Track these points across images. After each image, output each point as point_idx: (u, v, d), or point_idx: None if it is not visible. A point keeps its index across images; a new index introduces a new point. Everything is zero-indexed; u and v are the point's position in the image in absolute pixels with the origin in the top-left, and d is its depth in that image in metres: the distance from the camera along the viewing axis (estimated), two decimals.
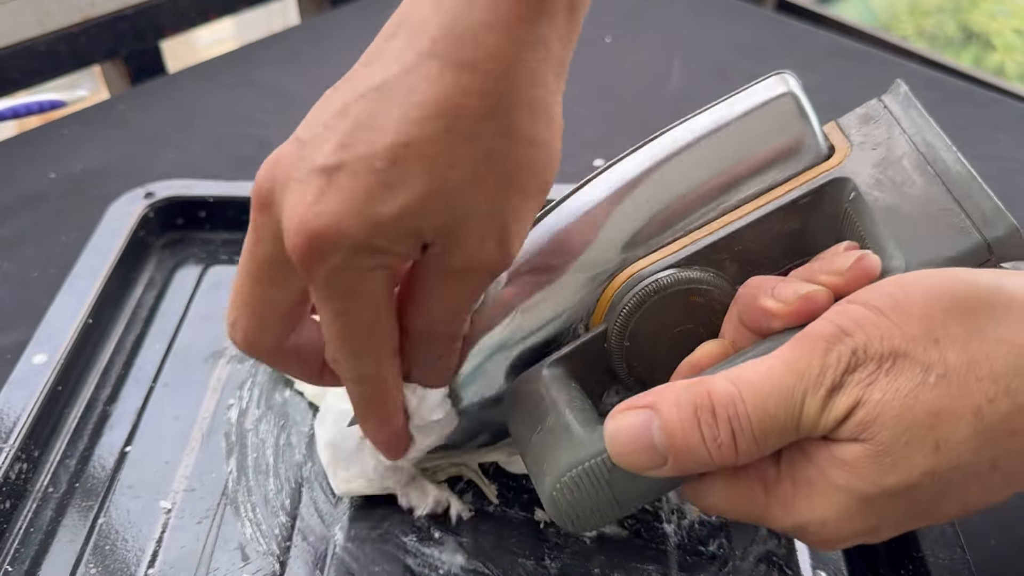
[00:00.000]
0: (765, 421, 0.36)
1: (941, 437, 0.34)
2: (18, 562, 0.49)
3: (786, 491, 0.38)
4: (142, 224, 0.68)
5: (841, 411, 0.35)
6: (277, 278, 0.40)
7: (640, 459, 0.37)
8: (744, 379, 0.36)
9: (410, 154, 0.36)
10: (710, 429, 0.36)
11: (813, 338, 0.36)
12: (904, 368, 0.34)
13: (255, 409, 0.57)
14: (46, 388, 0.55)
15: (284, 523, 0.51)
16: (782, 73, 0.45)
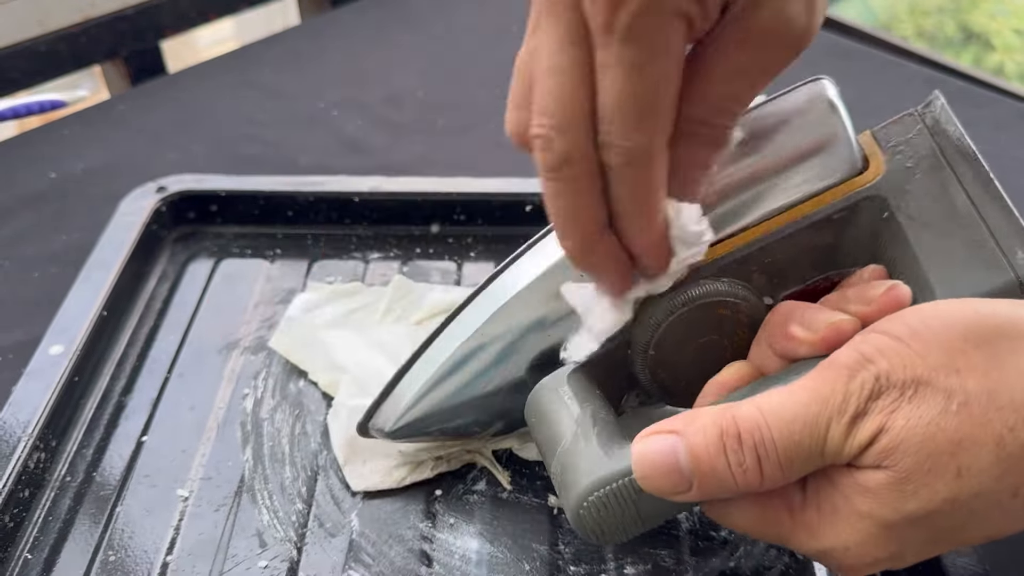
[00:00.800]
0: (790, 448, 0.36)
1: (963, 464, 0.35)
2: (37, 550, 0.50)
3: (811, 517, 0.38)
4: (154, 218, 0.68)
5: (865, 437, 0.36)
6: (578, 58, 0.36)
7: (666, 483, 0.38)
8: (770, 406, 0.36)
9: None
10: (735, 455, 0.36)
11: (837, 366, 0.36)
12: (926, 396, 0.35)
13: (270, 399, 0.58)
14: (63, 379, 0.55)
15: (301, 510, 0.51)
16: (821, 79, 0.45)
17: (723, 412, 0.37)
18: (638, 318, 0.44)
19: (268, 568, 0.48)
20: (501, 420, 0.51)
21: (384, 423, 0.51)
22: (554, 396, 0.44)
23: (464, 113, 0.89)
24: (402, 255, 0.69)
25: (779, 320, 0.41)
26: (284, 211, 0.71)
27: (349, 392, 0.56)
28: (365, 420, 0.51)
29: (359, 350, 0.59)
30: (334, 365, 0.58)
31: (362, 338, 0.60)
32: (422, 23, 1.06)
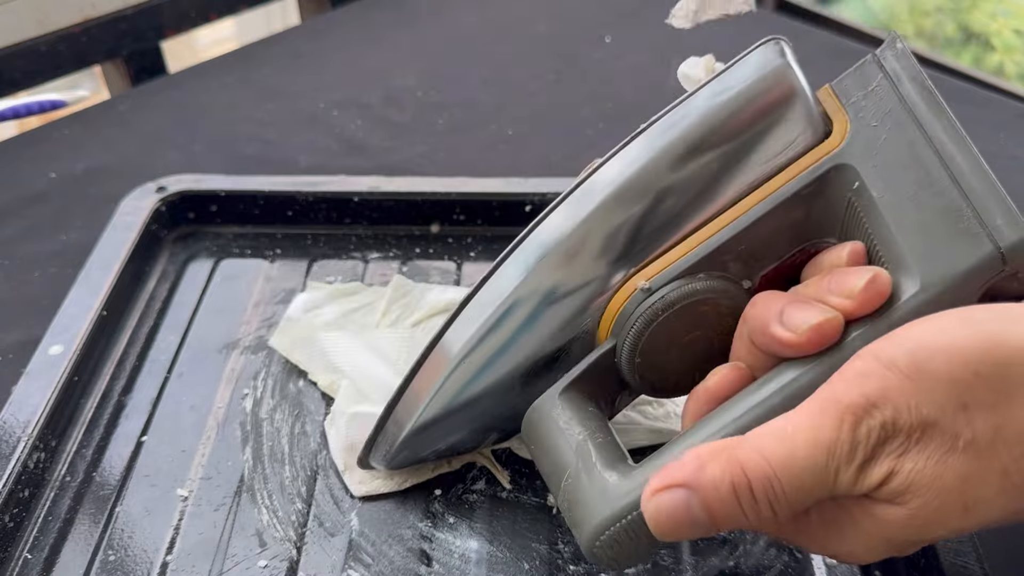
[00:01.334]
0: (801, 494, 0.36)
1: (970, 499, 0.35)
2: (37, 549, 0.50)
3: (815, 529, 0.39)
4: (154, 218, 0.68)
5: (875, 481, 0.36)
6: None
7: (684, 533, 0.38)
8: (776, 456, 0.36)
9: None
10: (750, 505, 0.36)
11: (841, 409, 0.36)
12: (933, 436, 0.35)
13: (270, 399, 0.58)
14: (62, 379, 0.55)
15: (300, 510, 0.51)
16: (775, 40, 0.44)
17: (731, 462, 0.36)
18: (620, 329, 0.44)
19: (268, 568, 0.48)
20: (496, 432, 0.51)
21: (381, 457, 0.51)
22: (550, 423, 0.44)
23: (464, 113, 0.89)
24: (401, 255, 0.69)
25: (759, 315, 0.41)
26: (284, 211, 0.71)
27: (347, 398, 0.56)
28: (364, 455, 0.51)
29: (358, 354, 0.59)
30: (333, 367, 0.58)
31: (361, 341, 0.60)
32: (422, 23, 1.06)
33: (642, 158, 0.43)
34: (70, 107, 1.08)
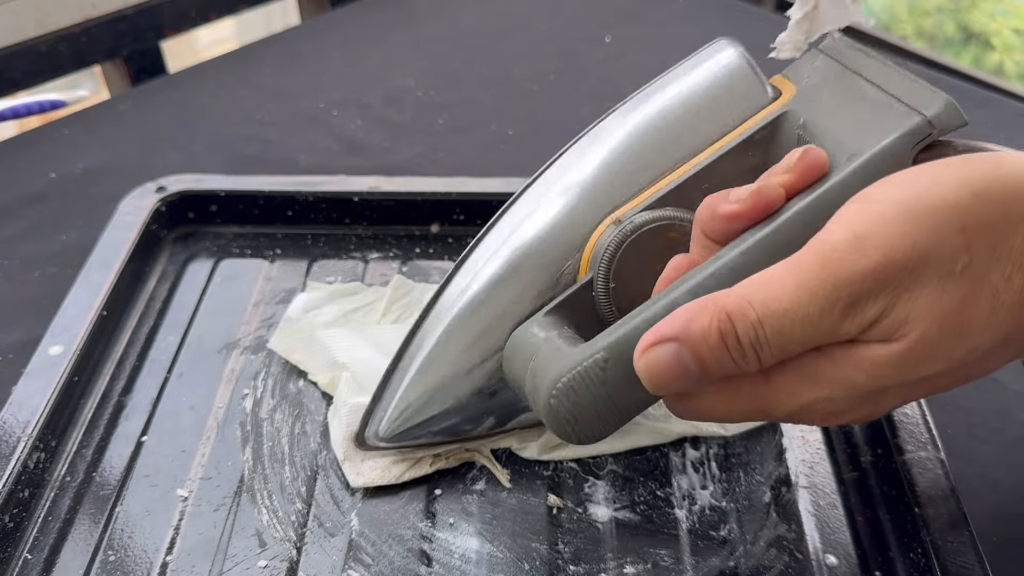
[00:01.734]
0: (786, 338, 0.36)
1: (965, 322, 0.35)
2: (37, 550, 0.50)
3: (791, 381, 0.38)
4: (154, 218, 0.68)
5: (867, 320, 0.35)
6: None
7: (677, 384, 0.38)
8: (762, 303, 0.36)
9: None
10: (737, 353, 0.37)
11: (827, 249, 0.36)
12: (929, 264, 0.35)
13: (270, 399, 0.58)
14: (62, 379, 0.55)
15: (300, 510, 0.51)
16: (721, 40, 0.51)
17: (717, 311, 0.37)
18: (595, 261, 0.47)
19: (267, 568, 0.48)
20: (491, 414, 0.52)
21: (377, 430, 0.52)
22: (526, 334, 0.46)
23: (464, 113, 0.89)
24: (401, 255, 0.69)
25: (707, 204, 0.42)
26: (284, 211, 0.71)
27: (349, 390, 0.56)
28: (361, 431, 0.52)
29: (359, 348, 0.59)
30: (334, 364, 0.58)
31: (362, 337, 0.60)
32: (422, 23, 1.06)
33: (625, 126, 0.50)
34: (70, 107, 1.08)
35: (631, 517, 0.51)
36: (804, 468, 0.54)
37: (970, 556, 0.47)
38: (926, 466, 0.52)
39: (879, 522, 0.52)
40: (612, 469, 0.54)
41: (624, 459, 0.55)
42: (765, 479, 0.54)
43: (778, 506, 0.52)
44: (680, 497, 0.52)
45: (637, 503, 0.52)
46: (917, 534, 0.49)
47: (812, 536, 0.51)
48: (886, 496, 0.52)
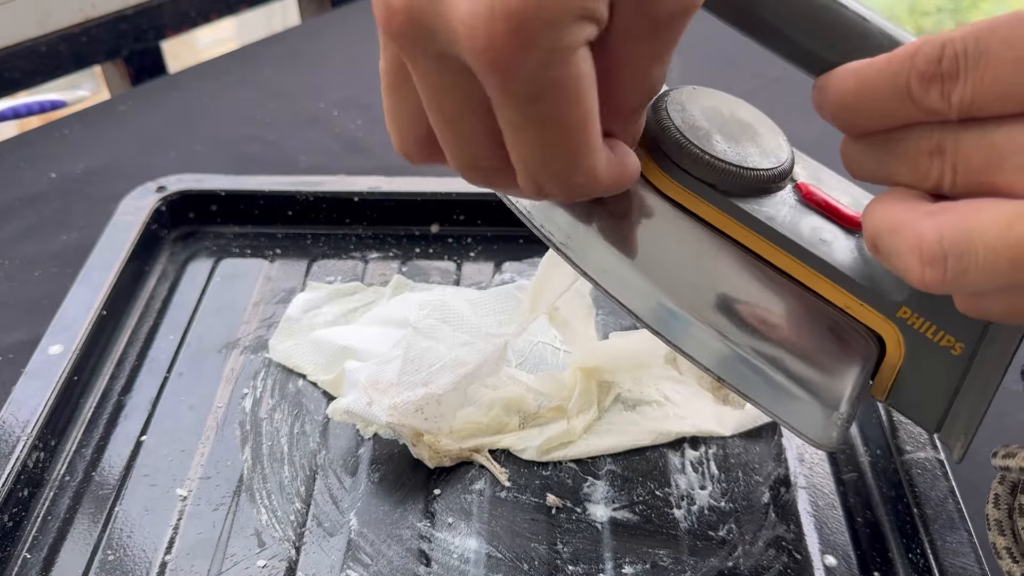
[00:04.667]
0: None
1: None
2: (36, 549, 0.50)
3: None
4: (154, 217, 0.68)
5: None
6: (461, 102, 0.31)
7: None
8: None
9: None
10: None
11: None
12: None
13: (269, 398, 0.58)
14: (62, 378, 0.55)
15: (299, 509, 0.51)
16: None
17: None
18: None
19: (267, 567, 0.49)
20: None
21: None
22: None
23: None
24: (401, 255, 0.69)
25: None
26: (284, 211, 0.71)
27: (356, 369, 0.55)
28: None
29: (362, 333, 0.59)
30: (335, 358, 0.58)
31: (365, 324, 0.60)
32: None
33: None
34: (70, 107, 1.08)
35: (630, 517, 0.51)
36: (803, 468, 0.54)
37: (969, 557, 0.47)
38: (925, 467, 0.52)
39: (878, 523, 0.52)
40: (611, 469, 0.54)
41: (623, 459, 0.55)
42: (764, 479, 0.54)
43: (777, 506, 0.52)
44: (679, 497, 0.53)
45: (636, 503, 0.52)
46: (916, 535, 0.49)
47: (811, 536, 0.51)
48: (885, 497, 0.52)
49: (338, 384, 0.57)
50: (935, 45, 0.27)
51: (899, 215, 0.30)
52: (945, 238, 0.28)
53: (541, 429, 0.55)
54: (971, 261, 0.27)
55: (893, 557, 0.50)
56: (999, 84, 0.26)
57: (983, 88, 0.26)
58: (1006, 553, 0.40)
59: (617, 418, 0.56)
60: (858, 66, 0.30)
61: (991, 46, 0.26)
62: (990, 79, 0.26)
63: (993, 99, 0.27)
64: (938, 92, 0.27)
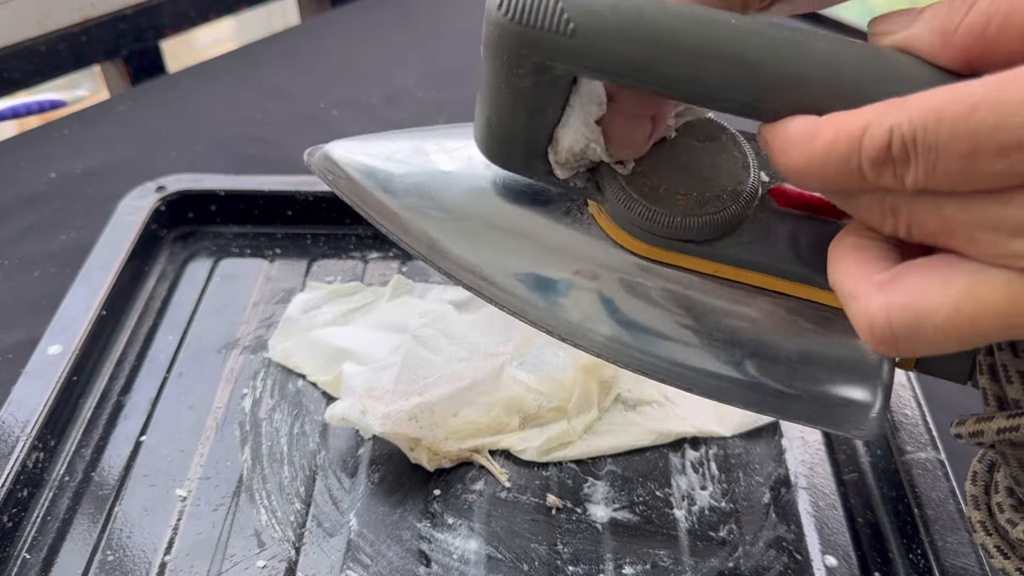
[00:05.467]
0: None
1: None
2: (36, 549, 0.49)
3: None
4: (154, 217, 0.68)
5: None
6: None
7: (889, 19, 0.30)
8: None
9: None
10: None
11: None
12: None
13: (269, 399, 0.58)
14: (61, 378, 0.55)
15: (299, 510, 0.51)
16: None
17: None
18: None
19: (266, 568, 0.48)
20: None
21: (337, 148, 0.44)
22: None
23: (464, 113, 0.89)
24: (401, 255, 0.69)
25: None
26: (284, 211, 0.71)
27: (353, 373, 0.55)
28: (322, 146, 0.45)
29: (360, 335, 0.59)
30: (334, 358, 0.58)
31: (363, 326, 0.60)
32: (422, 23, 1.06)
33: None
34: (70, 107, 1.08)
35: (630, 517, 0.51)
36: (804, 469, 0.54)
37: (970, 557, 0.47)
38: (926, 467, 0.52)
39: (879, 523, 0.52)
40: (611, 469, 0.54)
41: (623, 459, 0.55)
42: (765, 480, 0.54)
43: (777, 507, 0.52)
44: (679, 497, 0.52)
45: (636, 503, 0.52)
46: (917, 535, 0.49)
47: (811, 537, 0.51)
48: (886, 497, 0.52)
49: (337, 385, 0.57)
50: (882, 129, 0.27)
51: (852, 283, 0.30)
52: (894, 321, 0.28)
53: (541, 429, 0.55)
54: (920, 339, 0.28)
55: (894, 558, 0.50)
56: (950, 174, 0.26)
57: (935, 174, 0.26)
58: (980, 528, 0.40)
59: (617, 418, 0.56)
60: (802, 137, 0.29)
61: (940, 139, 0.26)
62: (941, 170, 0.26)
63: (946, 183, 0.27)
64: (891, 174, 0.27)
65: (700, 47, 0.30)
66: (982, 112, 0.25)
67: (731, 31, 0.30)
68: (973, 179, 0.26)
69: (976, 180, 0.26)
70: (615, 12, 0.30)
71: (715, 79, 0.30)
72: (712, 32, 0.30)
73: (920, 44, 0.29)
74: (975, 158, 0.25)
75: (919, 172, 0.26)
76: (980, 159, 0.25)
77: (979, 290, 0.27)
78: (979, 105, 0.25)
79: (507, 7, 0.30)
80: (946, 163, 0.26)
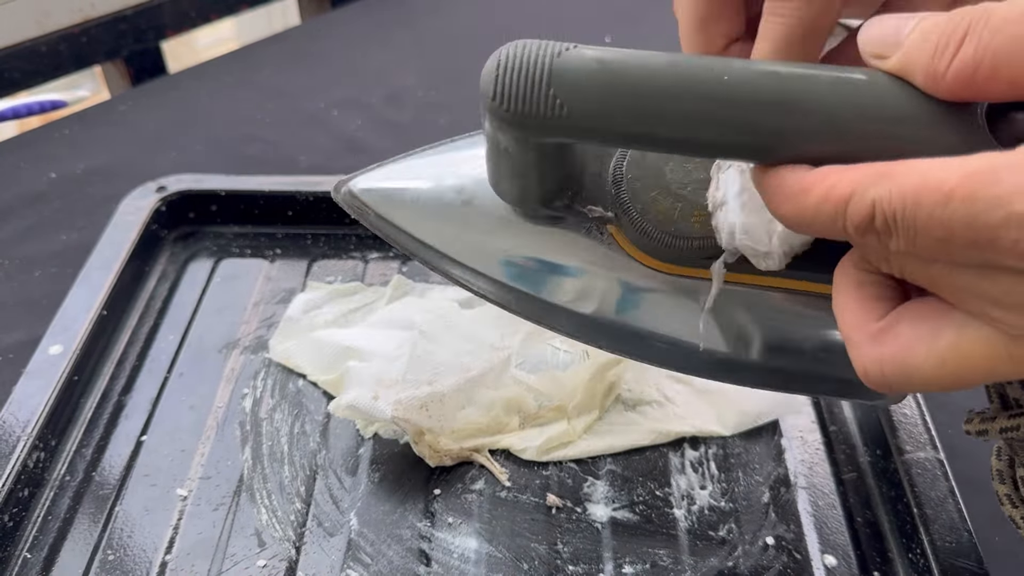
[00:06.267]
0: (1004, 26, 0.27)
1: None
2: (36, 549, 0.50)
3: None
4: (154, 218, 0.68)
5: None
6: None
7: (878, 40, 0.31)
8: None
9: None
10: (954, 26, 0.28)
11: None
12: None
13: (269, 398, 0.58)
14: (62, 378, 0.55)
15: (299, 509, 0.51)
16: None
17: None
18: None
19: (267, 567, 0.49)
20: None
21: (360, 184, 0.46)
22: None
23: (464, 113, 0.89)
24: (401, 255, 0.69)
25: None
26: (284, 211, 0.71)
27: (358, 373, 0.55)
28: (347, 179, 0.46)
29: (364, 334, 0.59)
30: (337, 357, 0.58)
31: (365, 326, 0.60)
32: (422, 23, 1.06)
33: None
34: (70, 107, 1.08)
35: (630, 517, 0.51)
36: (803, 468, 0.54)
37: (970, 557, 0.47)
38: (925, 467, 0.52)
39: (878, 523, 0.52)
40: (611, 469, 0.54)
41: (623, 459, 0.55)
42: (764, 479, 0.54)
43: (777, 506, 0.52)
44: (679, 497, 0.53)
45: (636, 503, 0.52)
46: (916, 534, 0.49)
47: (811, 536, 0.51)
48: (885, 496, 0.52)
49: (338, 384, 0.57)
50: (865, 202, 0.28)
51: (850, 327, 0.32)
52: (886, 373, 0.30)
53: (541, 429, 0.55)
54: (910, 386, 0.30)
55: (893, 557, 0.50)
56: (929, 250, 0.28)
57: (915, 247, 0.28)
58: (1007, 500, 0.40)
59: (617, 418, 0.56)
60: (792, 191, 0.30)
61: (918, 222, 0.27)
62: (921, 245, 0.27)
63: (927, 255, 0.28)
64: (875, 239, 0.28)
65: (695, 113, 0.31)
66: (956, 203, 0.26)
67: (724, 90, 0.30)
68: (952, 257, 0.27)
69: (955, 258, 0.27)
70: (606, 88, 0.31)
71: (712, 139, 0.31)
72: (706, 93, 0.30)
73: (914, 75, 0.29)
74: (950, 243, 0.27)
75: (900, 243, 0.28)
76: (955, 245, 0.26)
77: (963, 346, 0.29)
78: (953, 195, 0.26)
79: (501, 99, 0.32)
80: (924, 242, 0.27)
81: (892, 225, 0.28)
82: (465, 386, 0.53)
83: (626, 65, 0.31)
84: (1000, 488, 0.40)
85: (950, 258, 0.28)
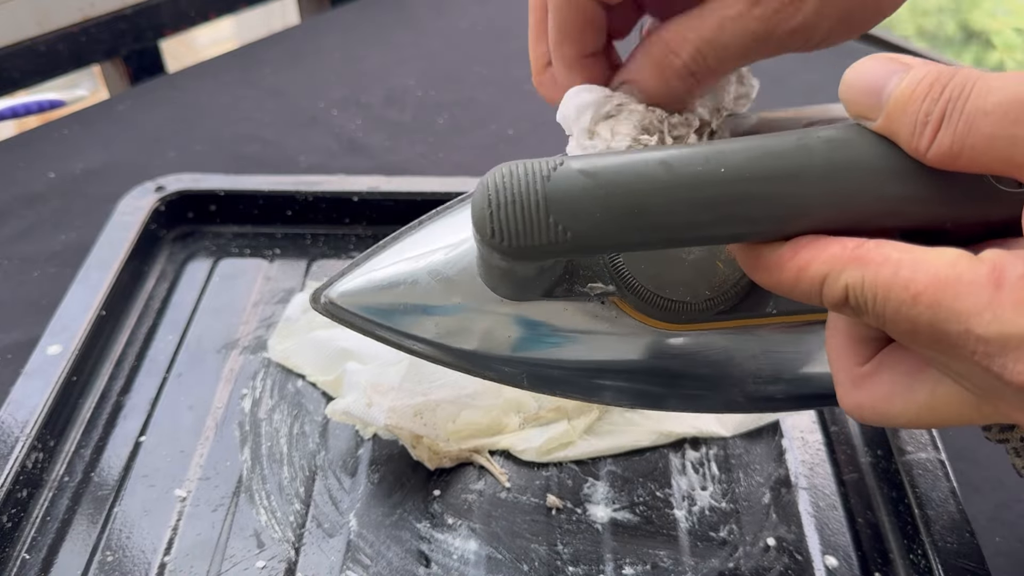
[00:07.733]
0: (979, 119, 0.28)
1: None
2: (35, 550, 0.49)
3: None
4: (153, 217, 0.68)
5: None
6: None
7: (860, 101, 0.31)
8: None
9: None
10: (929, 103, 0.29)
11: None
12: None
13: (268, 399, 0.58)
14: (61, 379, 0.55)
15: (299, 510, 0.51)
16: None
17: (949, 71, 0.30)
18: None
19: (266, 568, 0.48)
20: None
21: (337, 289, 0.47)
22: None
23: (464, 113, 0.89)
24: None
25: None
26: (283, 211, 0.71)
27: (357, 373, 0.55)
28: (323, 287, 0.47)
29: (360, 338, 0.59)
30: (336, 359, 0.58)
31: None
32: (422, 23, 1.06)
33: None
34: (69, 107, 1.08)
35: (630, 518, 0.51)
36: (804, 469, 0.54)
37: (971, 557, 0.47)
38: (927, 467, 0.52)
39: (879, 523, 0.51)
40: (611, 470, 0.54)
41: (623, 460, 0.54)
42: (765, 480, 0.53)
43: (778, 507, 0.52)
44: (680, 498, 0.52)
45: (636, 504, 0.52)
46: (917, 535, 0.49)
47: (812, 537, 0.51)
48: (886, 497, 0.52)
49: (337, 385, 0.57)
50: (839, 285, 0.29)
51: (836, 368, 0.34)
52: (866, 417, 0.33)
53: (541, 430, 0.55)
54: (890, 428, 0.36)
55: (894, 558, 0.50)
56: (899, 336, 0.29)
57: (885, 328, 0.29)
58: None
59: (618, 419, 0.56)
60: (769, 265, 0.32)
61: (887, 313, 0.28)
62: (890, 329, 0.29)
63: (897, 336, 0.30)
64: (850, 312, 0.30)
65: (701, 216, 0.31)
66: (920, 308, 0.27)
67: (727, 186, 0.30)
68: (919, 345, 0.29)
69: (922, 346, 0.29)
70: (607, 205, 0.30)
71: (716, 234, 0.31)
72: (710, 198, 0.30)
73: (898, 142, 0.30)
74: (916, 336, 0.28)
75: (872, 321, 0.29)
76: (920, 338, 0.28)
77: (936, 404, 0.31)
78: (919, 300, 0.27)
79: (501, 235, 0.31)
80: (893, 329, 0.29)
81: (864, 309, 0.29)
82: (460, 400, 0.53)
83: (620, 174, 0.30)
84: (1017, 462, 0.40)
85: (918, 345, 0.29)
